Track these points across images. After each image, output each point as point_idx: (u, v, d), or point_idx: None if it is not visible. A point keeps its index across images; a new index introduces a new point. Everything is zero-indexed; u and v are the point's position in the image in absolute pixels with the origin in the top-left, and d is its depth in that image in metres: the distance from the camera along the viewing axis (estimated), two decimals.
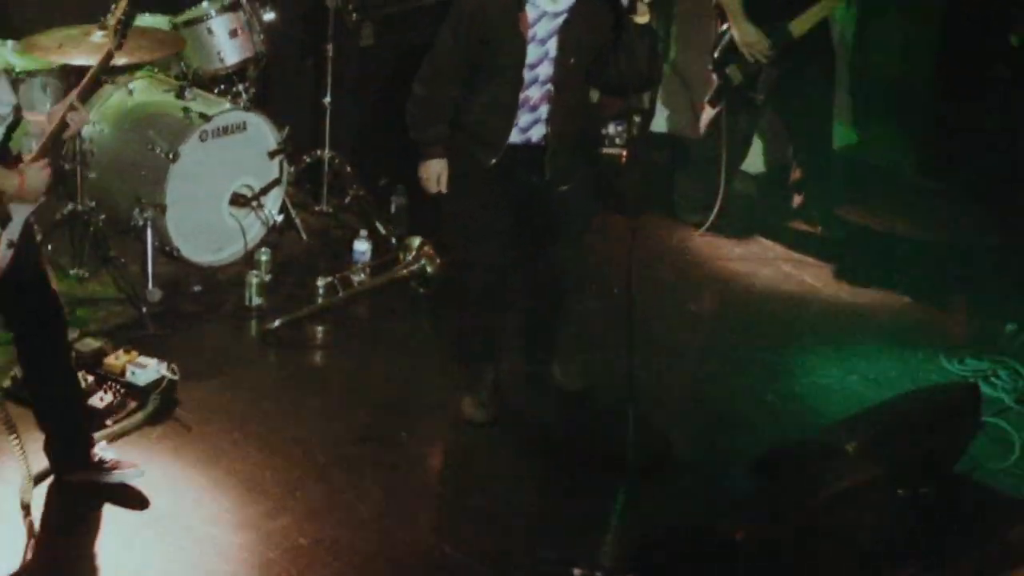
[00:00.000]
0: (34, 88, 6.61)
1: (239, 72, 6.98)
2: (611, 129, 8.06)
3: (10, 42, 6.54)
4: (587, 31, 5.40)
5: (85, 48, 6.26)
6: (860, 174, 7.94)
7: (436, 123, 5.50)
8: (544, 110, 5.49)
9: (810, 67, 7.07)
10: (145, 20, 6.87)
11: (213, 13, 6.86)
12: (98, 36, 6.31)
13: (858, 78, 7.99)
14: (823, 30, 7.08)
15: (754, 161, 7.91)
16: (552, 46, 5.39)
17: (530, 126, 5.50)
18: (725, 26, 7.04)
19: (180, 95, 6.70)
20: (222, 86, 6.96)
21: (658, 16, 5.26)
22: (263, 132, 6.77)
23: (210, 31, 6.87)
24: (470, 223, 5.64)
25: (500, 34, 5.35)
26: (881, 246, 7.36)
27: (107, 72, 6.54)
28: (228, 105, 6.73)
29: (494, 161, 5.50)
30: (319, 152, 7.21)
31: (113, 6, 5.60)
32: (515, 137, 5.50)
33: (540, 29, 5.37)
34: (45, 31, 6.39)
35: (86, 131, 6.56)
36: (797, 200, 7.53)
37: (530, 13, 5.34)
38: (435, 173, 5.55)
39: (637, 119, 8.11)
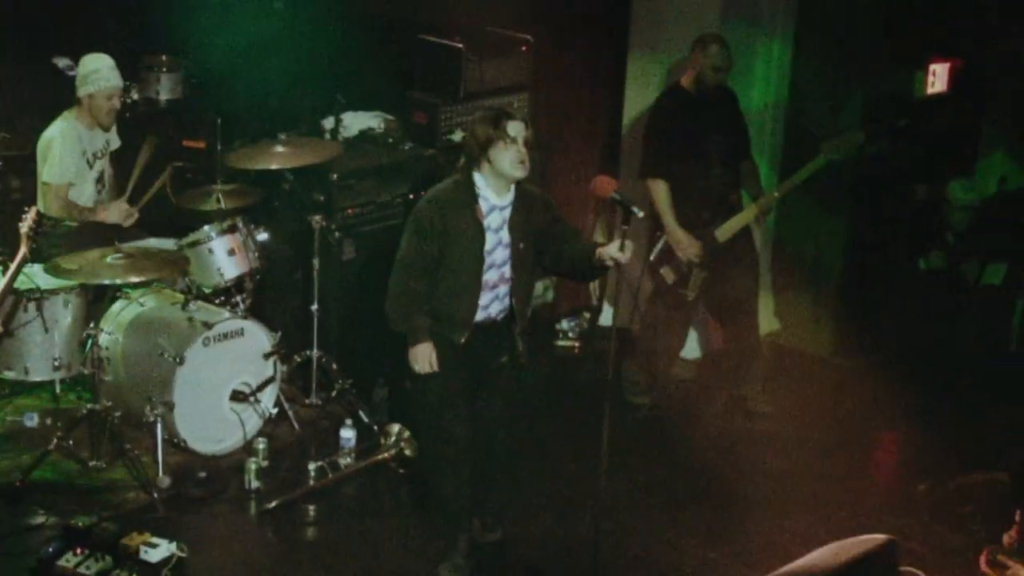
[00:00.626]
0: (57, 304, 7.02)
1: (237, 285, 7.30)
2: (564, 324, 8.46)
3: (37, 265, 6.91)
4: (528, 221, 5.91)
5: (102, 269, 6.62)
6: (784, 356, 8.33)
7: (416, 313, 5.89)
8: (502, 289, 5.94)
9: (735, 268, 7.47)
10: (153, 243, 7.30)
11: (213, 235, 7.21)
12: (114, 258, 6.65)
13: (778, 276, 8.47)
14: (746, 235, 7.53)
15: (691, 348, 8.27)
16: (504, 234, 5.87)
17: (490, 303, 5.94)
18: (661, 236, 7.42)
19: (185, 306, 7.03)
20: (222, 297, 7.26)
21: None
22: (259, 336, 7.08)
23: (211, 251, 7.22)
24: (443, 396, 5.96)
25: (461, 227, 5.81)
26: (807, 419, 7.65)
27: (121, 288, 7.11)
28: (227, 314, 7.04)
29: (464, 338, 5.92)
30: (308, 352, 7.46)
31: (23, 215, 6.00)
32: (479, 316, 5.93)
33: (492, 220, 5.85)
34: (67, 255, 6.76)
35: (103, 340, 6.88)
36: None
37: (483, 206, 5.83)
38: (425, 355, 5.91)
39: (587, 315, 8.74)
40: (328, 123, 8.04)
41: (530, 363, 6.15)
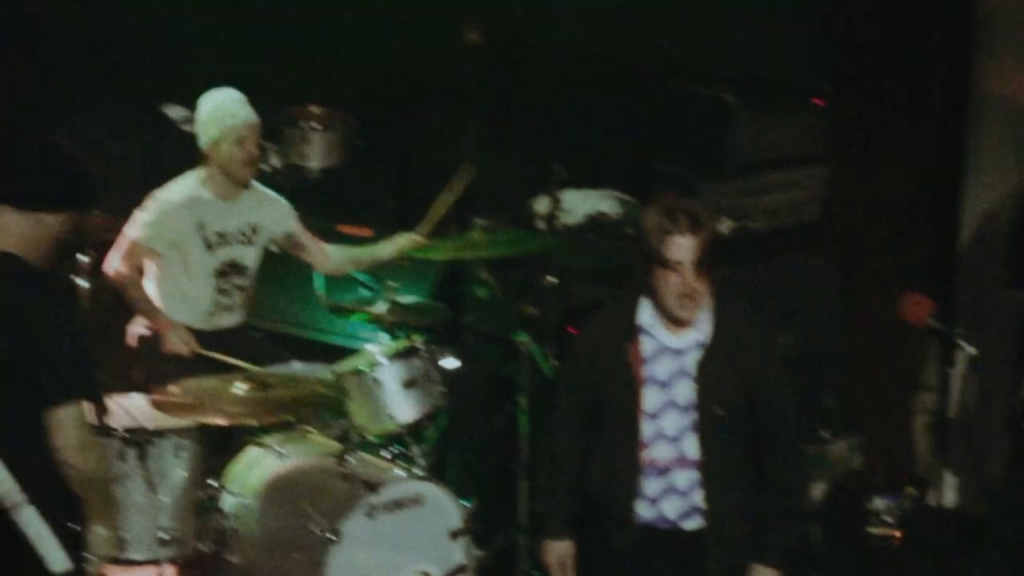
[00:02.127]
0: (165, 452, 6.97)
1: (414, 432, 7.29)
2: (879, 503, 8.27)
3: (136, 395, 7.04)
4: (735, 371, 5.51)
5: (227, 404, 6.67)
6: None
7: (556, 490, 5.71)
8: (680, 478, 5.55)
9: None
10: (299, 368, 7.36)
11: (383, 360, 7.22)
12: (243, 388, 6.73)
13: None
14: None
15: None
16: (680, 392, 5.52)
17: (661, 497, 5.57)
18: None
19: (342, 460, 6.96)
20: (393, 449, 7.23)
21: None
22: (444, 507, 6.98)
23: (378, 381, 7.21)
24: None
25: (608, 372, 5.55)
26: None
27: (252, 432, 7.13)
28: (400, 473, 6.99)
29: (626, 542, 5.59)
30: (514, 532, 7.47)
31: None
32: (645, 511, 5.58)
33: (659, 368, 5.53)
34: (179, 382, 6.83)
35: (228, 505, 6.91)
36: None
37: (645, 346, 5.52)
38: (556, 558, 5.71)
39: (912, 490, 8.43)
40: (542, 205, 8.11)
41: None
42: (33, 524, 5.16)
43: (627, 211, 8.19)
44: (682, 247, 5.39)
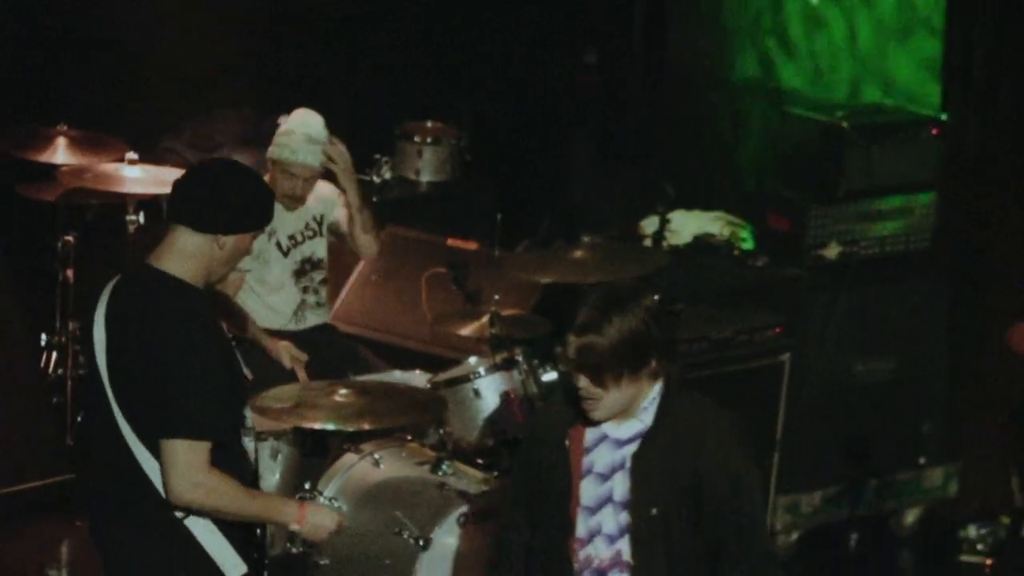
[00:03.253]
0: (262, 454, 6.93)
1: (509, 443, 7.13)
2: (972, 532, 8.18)
3: None
4: (675, 468, 4.92)
5: (326, 410, 6.71)
6: None
7: None
8: None
9: None
10: (399, 377, 7.45)
11: (482, 372, 7.25)
12: (343, 395, 6.76)
13: None
14: None
15: None
16: (618, 487, 4.99)
17: None
18: None
19: (436, 469, 6.96)
20: (489, 459, 7.20)
21: None
22: None
23: (476, 393, 7.24)
24: None
25: (547, 460, 5.09)
26: None
27: (350, 439, 7.21)
28: (495, 484, 6.93)
29: None
30: None
31: None
32: None
33: (598, 459, 5.01)
34: (277, 387, 6.89)
35: None
36: None
37: (588, 434, 5.01)
38: None
39: (1006, 520, 8.32)
40: (650, 224, 8.11)
41: None
42: (208, 530, 5.14)
43: (735, 233, 8.18)
44: (567, 344, 4.94)
